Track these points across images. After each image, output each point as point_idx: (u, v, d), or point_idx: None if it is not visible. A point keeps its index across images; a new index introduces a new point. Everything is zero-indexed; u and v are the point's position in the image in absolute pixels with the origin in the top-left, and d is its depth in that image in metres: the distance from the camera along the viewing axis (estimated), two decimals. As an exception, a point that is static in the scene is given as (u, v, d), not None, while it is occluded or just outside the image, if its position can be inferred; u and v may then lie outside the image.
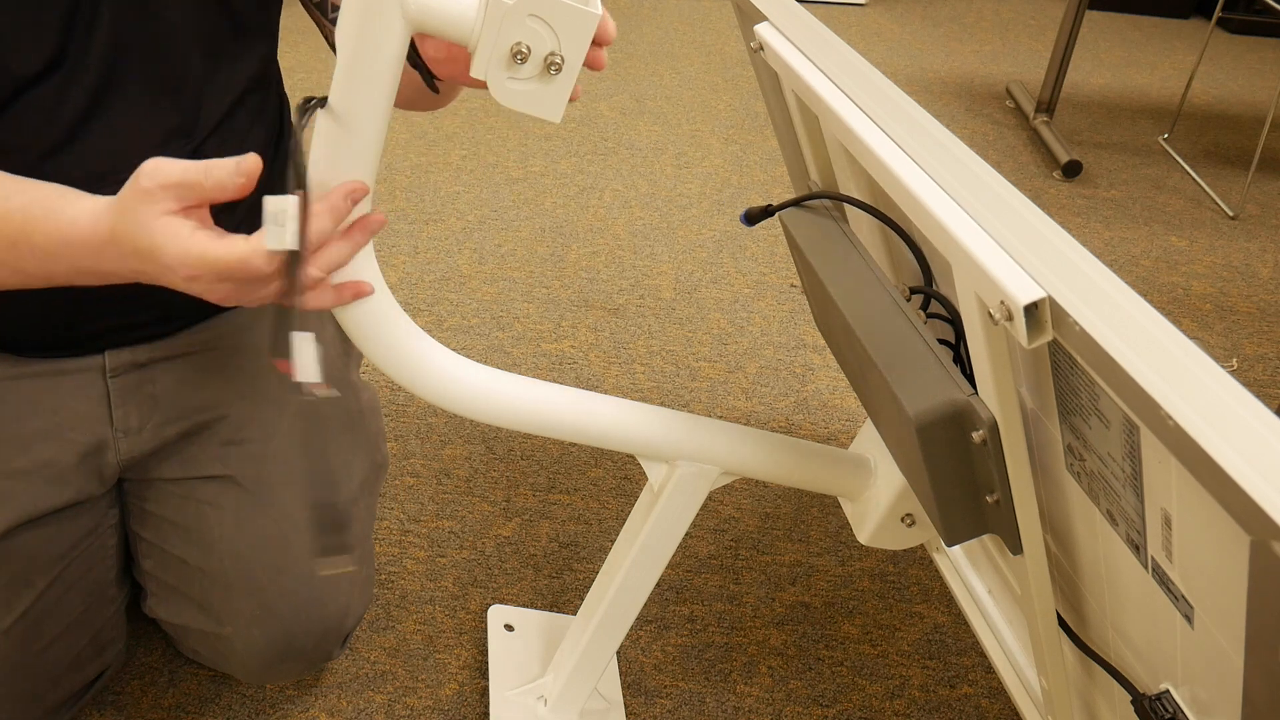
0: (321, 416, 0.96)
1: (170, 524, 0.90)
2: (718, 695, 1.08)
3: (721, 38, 2.92)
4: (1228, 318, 1.83)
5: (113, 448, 0.89)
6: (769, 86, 0.92)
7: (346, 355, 1.04)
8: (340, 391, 0.99)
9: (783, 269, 1.83)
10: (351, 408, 0.99)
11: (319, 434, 0.95)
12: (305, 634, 0.90)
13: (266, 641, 0.89)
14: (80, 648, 0.90)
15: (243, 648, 0.90)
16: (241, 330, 0.95)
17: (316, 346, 0.64)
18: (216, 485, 0.89)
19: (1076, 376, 0.54)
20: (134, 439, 0.90)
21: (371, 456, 1.00)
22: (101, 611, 0.91)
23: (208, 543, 0.89)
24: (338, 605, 0.92)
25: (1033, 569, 0.69)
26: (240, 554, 0.88)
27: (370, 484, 0.99)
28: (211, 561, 0.88)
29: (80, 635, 0.89)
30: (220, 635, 0.90)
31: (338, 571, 0.92)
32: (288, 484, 0.91)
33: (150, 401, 0.90)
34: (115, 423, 0.89)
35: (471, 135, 2.20)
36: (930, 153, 0.61)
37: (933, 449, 0.64)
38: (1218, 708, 0.56)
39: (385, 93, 0.64)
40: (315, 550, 0.90)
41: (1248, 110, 2.76)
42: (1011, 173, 2.28)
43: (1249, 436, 0.38)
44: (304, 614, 0.90)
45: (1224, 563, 0.47)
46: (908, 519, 0.91)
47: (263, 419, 0.92)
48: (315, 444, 0.95)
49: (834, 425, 1.47)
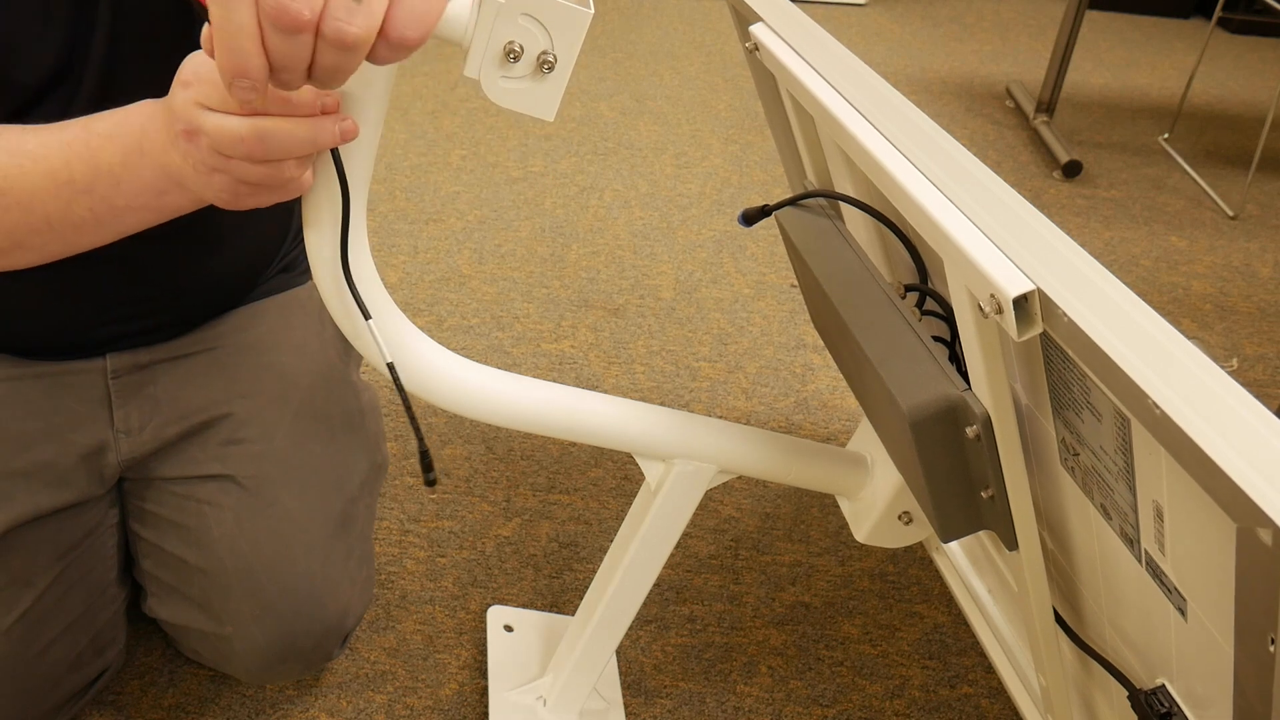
0: (322, 415, 0.96)
1: (170, 523, 0.91)
2: (718, 695, 1.08)
3: (721, 38, 2.92)
4: (1228, 318, 1.83)
5: (113, 448, 0.90)
6: (765, 87, 0.92)
7: (346, 355, 1.04)
8: (340, 391, 0.99)
9: (783, 269, 1.83)
10: (352, 407, 0.99)
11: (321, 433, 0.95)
12: (305, 633, 0.90)
13: (266, 641, 0.90)
14: (81, 648, 0.90)
15: (243, 647, 0.90)
16: (242, 330, 0.96)
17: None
18: (216, 485, 0.90)
19: (1068, 370, 0.55)
20: (135, 439, 0.90)
21: (372, 457, 1.00)
22: (102, 611, 0.92)
23: (207, 542, 0.89)
24: (338, 605, 0.92)
25: (1028, 565, 0.69)
26: (240, 553, 0.88)
27: (370, 484, 0.99)
28: (211, 561, 0.89)
29: (81, 635, 0.90)
30: (220, 635, 0.91)
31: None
32: (288, 483, 0.91)
33: (151, 402, 0.91)
34: (116, 424, 0.90)
35: (471, 135, 2.20)
36: (922, 149, 0.61)
37: (927, 445, 0.64)
38: (1212, 700, 0.56)
39: (381, 91, 0.64)
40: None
41: (1248, 110, 2.76)
42: (1011, 173, 2.28)
43: (1235, 425, 0.38)
44: (304, 613, 0.90)
45: (1213, 553, 0.47)
46: (905, 517, 0.91)
47: (263, 418, 0.92)
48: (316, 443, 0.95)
49: (834, 425, 1.47)
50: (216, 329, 0.94)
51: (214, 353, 0.94)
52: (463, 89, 2.44)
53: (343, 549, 0.93)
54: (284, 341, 0.97)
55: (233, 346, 0.94)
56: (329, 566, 0.91)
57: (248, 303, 0.98)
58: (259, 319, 0.97)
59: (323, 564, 0.90)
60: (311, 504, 0.91)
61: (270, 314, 0.98)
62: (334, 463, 0.95)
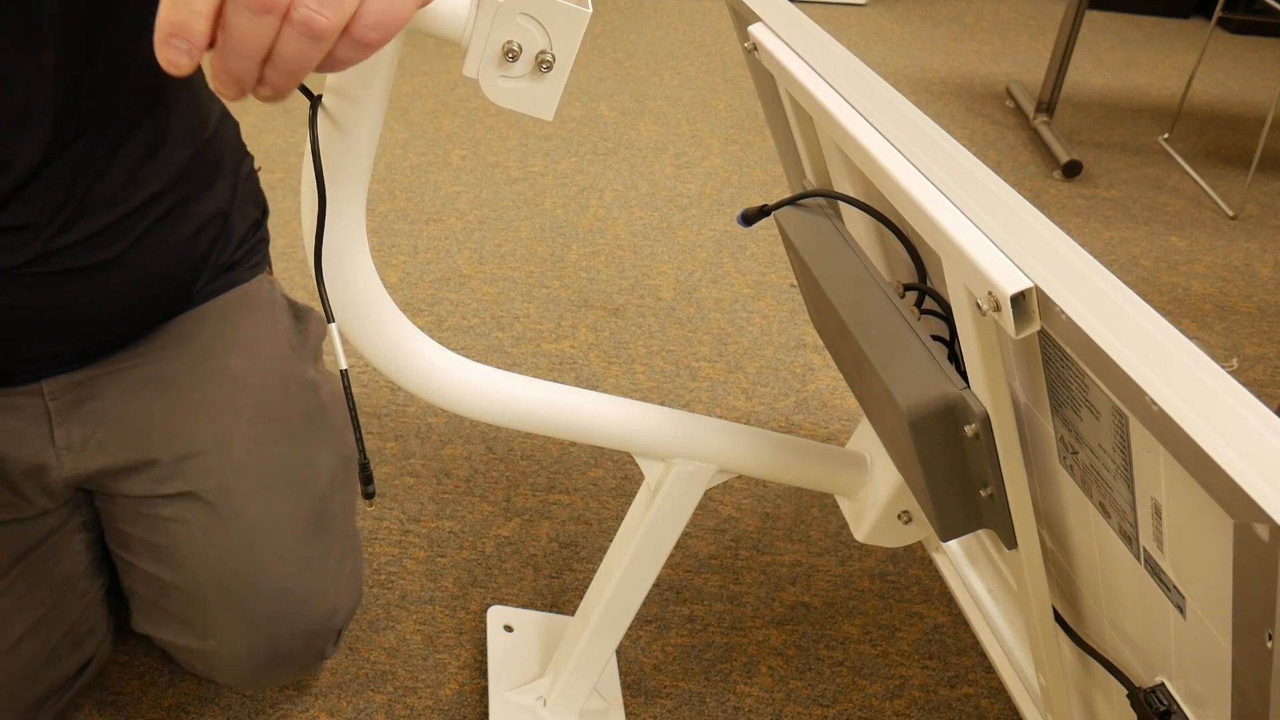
0: (279, 416, 0.93)
1: (142, 542, 0.89)
2: (718, 695, 1.08)
3: (721, 38, 2.93)
4: (1228, 318, 1.83)
5: (55, 466, 0.88)
6: (764, 87, 0.92)
7: (301, 349, 1.00)
8: (296, 388, 0.96)
9: (783, 269, 1.83)
10: (311, 403, 0.96)
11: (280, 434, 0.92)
12: (290, 636, 0.89)
13: (251, 650, 0.89)
14: (54, 642, 0.89)
15: (229, 658, 0.89)
16: (184, 338, 0.93)
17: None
18: (180, 502, 0.87)
19: (1066, 368, 0.55)
20: (77, 456, 0.88)
21: (339, 450, 0.97)
22: (72, 605, 0.90)
23: (179, 560, 0.87)
24: (323, 605, 0.91)
25: (1028, 564, 0.69)
26: (212, 567, 0.86)
27: (342, 478, 0.96)
28: (185, 578, 0.87)
29: (52, 630, 0.89)
30: (205, 649, 0.90)
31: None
32: (251, 491, 0.88)
33: (93, 418, 0.88)
34: (57, 441, 0.88)
35: (471, 135, 2.20)
36: (920, 148, 0.61)
37: (925, 443, 0.65)
38: (1211, 698, 0.56)
39: (380, 90, 0.64)
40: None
41: (1248, 110, 2.76)
42: (1011, 173, 2.28)
43: (1232, 421, 0.38)
44: (286, 619, 0.89)
45: (1211, 550, 0.47)
46: (904, 516, 0.91)
47: (216, 428, 0.89)
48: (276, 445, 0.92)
49: (834, 425, 1.47)
50: (158, 339, 0.92)
51: (157, 364, 0.91)
52: (463, 89, 2.44)
53: (320, 548, 0.91)
54: (231, 344, 0.94)
55: (176, 356, 0.92)
56: (306, 569, 0.89)
57: (191, 308, 0.95)
58: (202, 324, 0.94)
59: (299, 567, 0.89)
60: (279, 509, 0.89)
61: (213, 317, 0.95)
62: (297, 463, 0.92)
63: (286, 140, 2.12)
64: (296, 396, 0.95)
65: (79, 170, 0.81)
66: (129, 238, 0.86)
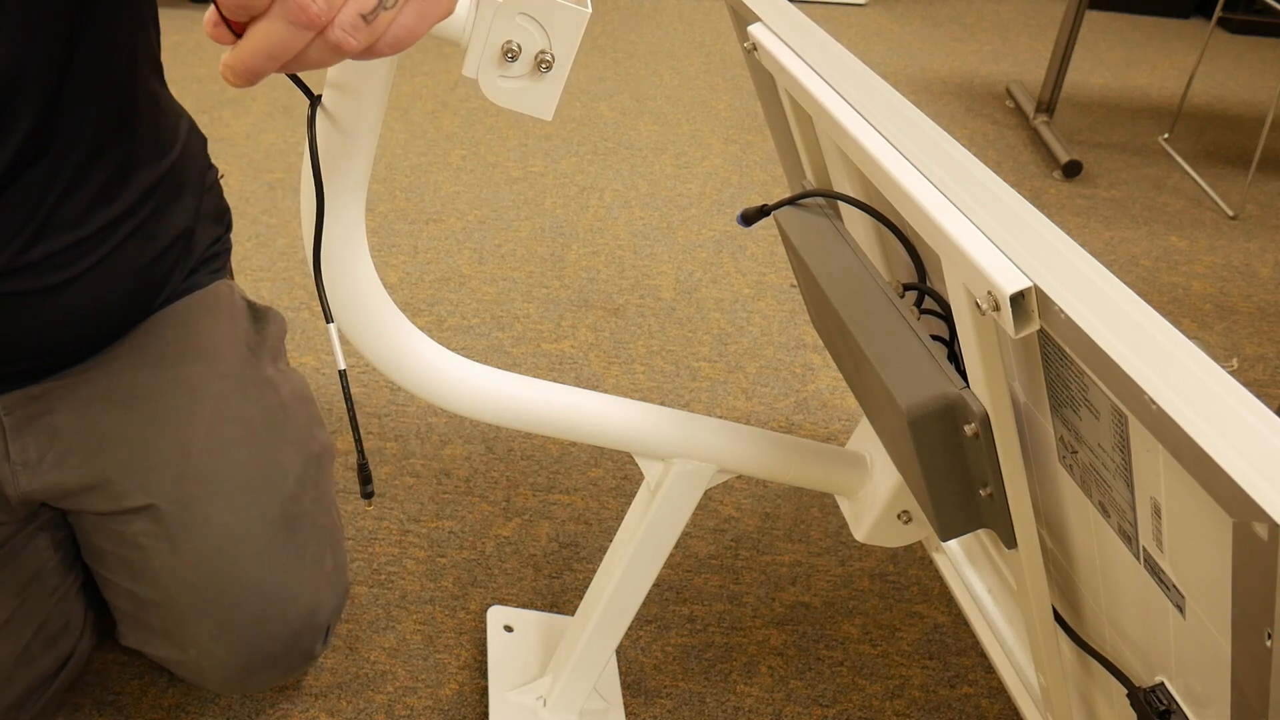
0: (239, 420, 0.92)
1: (114, 558, 0.89)
2: (718, 695, 1.08)
3: (721, 38, 2.93)
4: (1228, 318, 1.83)
5: (10, 481, 0.87)
6: (763, 87, 0.92)
7: (260, 349, 0.99)
8: (256, 390, 0.95)
9: (782, 269, 1.83)
10: (271, 403, 0.95)
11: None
12: (271, 639, 0.89)
13: (230, 656, 0.88)
14: (26, 640, 0.88)
15: (210, 666, 0.89)
16: (140, 349, 0.92)
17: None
18: (144, 516, 0.87)
19: (1066, 368, 0.55)
20: (34, 471, 0.88)
21: (305, 447, 0.95)
22: (42, 603, 0.90)
23: (150, 575, 0.87)
24: (302, 605, 0.90)
25: (1027, 563, 0.69)
26: (183, 580, 0.86)
27: (311, 475, 0.95)
28: (158, 592, 0.87)
29: (22, 629, 0.88)
30: (187, 660, 0.89)
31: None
32: (214, 499, 0.87)
33: (49, 432, 0.88)
34: (12, 456, 0.87)
35: (471, 135, 2.20)
36: (919, 147, 0.61)
37: (925, 443, 0.65)
38: (1211, 698, 0.56)
39: (380, 90, 0.64)
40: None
41: (1248, 110, 2.76)
42: (1011, 173, 2.28)
43: (1230, 420, 0.38)
44: (263, 622, 0.88)
45: (1210, 549, 0.47)
46: (904, 516, 0.91)
47: (174, 438, 0.88)
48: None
49: (834, 425, 1.47)
50: (114, 350, 0.91)
51: (114, 376, 0.90)
52: (463, 89, 2.44)
53: (293, 548, 0.90)
54: (188, 351, 0.93)
55: (133, 366, 0.91)
56: (280, 570, 0.88)
57: (149, 316, 0.95)
58: (159, 333, 0.93)
59: (273, 570, 0.88)
60: (245, 513, 0.88)
61: (170, 325, 0.94)
62: (261, 465, 0.91)
63: (286, 140, 2.12)
64: (256, 398, 0.94)
65: (42, 191, 0.81)
66: (91, 259, 0.86)
